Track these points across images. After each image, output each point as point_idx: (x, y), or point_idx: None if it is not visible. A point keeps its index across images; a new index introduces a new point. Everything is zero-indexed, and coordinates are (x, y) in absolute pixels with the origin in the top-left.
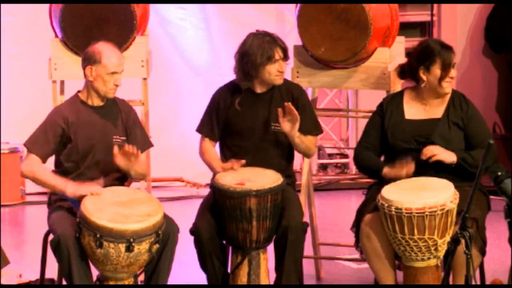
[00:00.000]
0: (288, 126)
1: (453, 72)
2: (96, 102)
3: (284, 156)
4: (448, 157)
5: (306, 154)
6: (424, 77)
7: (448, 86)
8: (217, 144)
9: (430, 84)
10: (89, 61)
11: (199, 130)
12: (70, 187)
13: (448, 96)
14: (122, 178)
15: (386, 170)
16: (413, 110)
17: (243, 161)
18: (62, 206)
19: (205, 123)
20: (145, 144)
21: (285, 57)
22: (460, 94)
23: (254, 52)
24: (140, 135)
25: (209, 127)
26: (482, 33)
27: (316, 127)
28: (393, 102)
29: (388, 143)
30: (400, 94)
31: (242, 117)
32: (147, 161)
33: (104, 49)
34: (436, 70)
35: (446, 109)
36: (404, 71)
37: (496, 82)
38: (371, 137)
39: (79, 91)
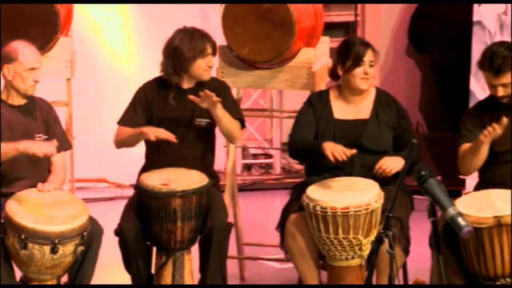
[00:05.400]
0: (207, 105)
1: (369, 69)
2: (17, 101)
3: (208, 154)
4: (398, 164)
5: (231, 136)
6: (340, 73)
7: (362, 83)
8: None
9: (346, 80)
10: (5, 60)
11: (121, 122)
12: (22, 144)
13: (373, 95)
14: (44, 179)
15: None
16: (340, 109)
17: (174, 139)
18: None
19: (129, 116)
20: (64, 144)
21: (214, 53)
22: (385, 93)
23: (186, 46)
24: (59, 134)
25: (132, 120)
26: (406, 33)
27: (239, 114)
28: (320, 99)
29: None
30: (326, 92)
31: (168, 112)
32: (71, 162)
33: (20, 47)
34: (349, 64)
35: (374, 109)
36: (331, 70)
37: (419, 81)
38: (302, 128)
39: None
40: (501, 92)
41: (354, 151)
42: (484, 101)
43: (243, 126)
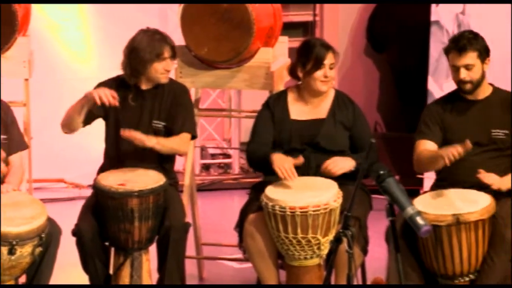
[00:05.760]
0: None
1: (329, 72)
2: None
3: (165, 155)
4: (347, 164)
5: (175, 154)
6: (300, 75)
7: (322, 86)
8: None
9: (306, 82)
10: None
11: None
12: None
13: (332, 96)
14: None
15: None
16: (298, 110)
17: (116, 102)
18: None
19: (90, 117)
20: (20, 145)
21: (173, 56)
22: (344, 94)
23: (143, 48)
24: (16, 135)
25: (89, 116)
26: (364, 33)
27: (190, 127)
28: (278, 101)
29: (274, 141)
30: (284, 93)
31: (125, 112)
32: (29, 162)
33: None
34: (309, 66)
35: (331, 109)
36: (290, 70)
37: (377, 81)
38: (260, 133)
39: None
40: (463, 74)
41: (300, 159)
42: (446, 97)
43: (194, 137)
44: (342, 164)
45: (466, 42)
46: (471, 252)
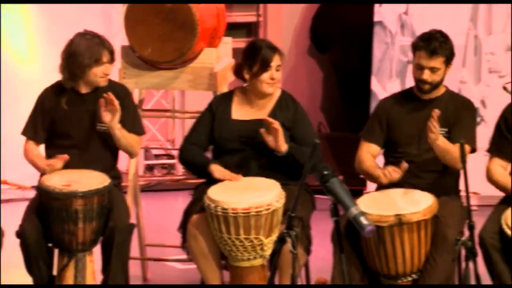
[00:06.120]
0: (108, 116)
1: (276, 74)
2: None
3: (110, 157)
4: (282, 143)
5: (129, 152)
6: (247, 76)
7: (268, 87)
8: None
9: (252, 84)
10: None
11: (23, 133)
12: None
13: (277, 97)
14: None
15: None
16: (241, 111)
17: (67, 157)
18: None
19: (29, 125)
20: None
21: (112, 60)
22: (288, 95)
23: (82, 53)
24: None
25: (33, 129)
26: (308, 33)
27: (139, 128)
28: (222, 101)
29: (215, 142)
30: (230, 94)
31: (67, 118)
32: None
33: None
34: (256, 69)
35: (273, 110)
36: (236, 70)
37: (321, 81)
38: (198, 133)
39: None
40: (426, 75)
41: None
42: (400, 94)
43: (142, 133)
44: (281, 135)
45: (438, 46)
46: (414, 252)
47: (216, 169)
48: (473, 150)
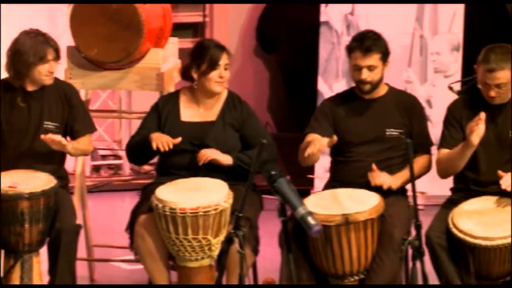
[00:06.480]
0: (57, 147)
1: (224, 73)
2: None
3: (56, 157)
4: (224, 158)
5: (83, 155)
6: (195, 76)
7: (217, 86)
8: None
9: (200, 83)
10: None
11: None
12: None
13: (224, 98)
14: None
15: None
16: (189, 112)
17: None
18: None
19: None
20: None
21: (57, 58)
22: (235, 95)
23: (27, 51)
24: None
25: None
26: (254, 33)
27: (91, 125)
28: (169, 102)
29: None
30: (176, 94)
31: (15, 115)
32: None
33: None
34: (204, 67)
35: (221, 111)
36: (183, 71)
37: (267, 82)
38: (144, 132)
39: None
40: (365, 74)
41: (178, 140)
42: (342, 94)
43: (94, 130)
44: (217, 154)
45: (371, 43)
46: (361, 252)
47: (155, 135)
48: (431, 144)
